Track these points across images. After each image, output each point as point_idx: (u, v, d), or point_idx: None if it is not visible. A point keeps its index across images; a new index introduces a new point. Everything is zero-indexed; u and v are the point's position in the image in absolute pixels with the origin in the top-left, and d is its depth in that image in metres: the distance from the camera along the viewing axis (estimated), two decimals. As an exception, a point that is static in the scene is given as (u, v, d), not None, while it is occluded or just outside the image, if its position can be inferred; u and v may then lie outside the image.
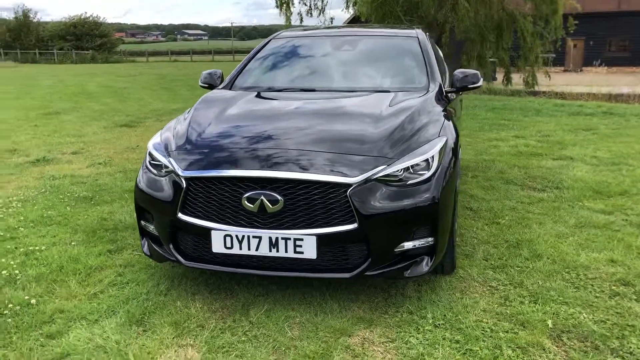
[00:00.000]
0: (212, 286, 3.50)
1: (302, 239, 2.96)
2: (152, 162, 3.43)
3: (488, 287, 3.49)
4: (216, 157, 3.16)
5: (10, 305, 3.28)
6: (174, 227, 3.20)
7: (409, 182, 3.07)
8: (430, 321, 3.07)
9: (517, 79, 19.02)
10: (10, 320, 3.13)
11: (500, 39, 18.24)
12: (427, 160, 3.15)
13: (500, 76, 20.16)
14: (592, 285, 3.49)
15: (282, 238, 2.98)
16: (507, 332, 2.96)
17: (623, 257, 3.89)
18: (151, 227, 3.39)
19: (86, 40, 52.77)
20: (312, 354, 2.76)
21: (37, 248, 4.17)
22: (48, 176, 6.49)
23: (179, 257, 3.22)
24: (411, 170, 3.11)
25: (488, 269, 3.73)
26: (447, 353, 2.77)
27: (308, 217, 2.97)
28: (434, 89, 4.06)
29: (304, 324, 3.04)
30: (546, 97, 15.00)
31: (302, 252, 2.99)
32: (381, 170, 3.02)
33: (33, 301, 3.33)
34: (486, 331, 2.97)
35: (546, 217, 4.73)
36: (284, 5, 20.52)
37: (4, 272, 3.75)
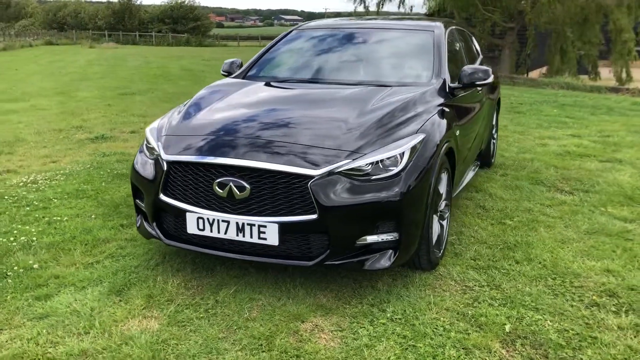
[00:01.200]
0: (197, 265, 3.71)
1: (265, 226, 3.09)
2: (147, 145, 3.67)
3: (462, 287, 3.47)
4: (195, 144, 3.35)
5: (15, 268, 3.64)
6: (156, 206, 3.43)
7: (375, 177, 3.12)
8: (388, 315, 3.12)
9: (607, 74, 17.90)
10: (10, 281, 3.48)
11: (586, 31, 17.28)
12: (396, 156, 3.17)
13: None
14: (573, 294, 3.39)
15: (248, 224, 3.12)
16: (459, 332, 2.96)
17: (622, 267, 3.72)
18: (143, 206, 3.63)
19: (182, 23, 55.02)
20: (258, 335, 2.89)
21: (60, 218, 4.56)
22: (100, 153, 6.98)
23: (161, 235, 3.45)
24: (381, 165, 3.15)
25: (471, 269, 3.69)
26: (389, 347, 2.82)
27: (273, 205, 3.10)
28: (435, 84, 4.03)
29: (265, 307, 3.18)
30: (629, 95, 14.07)
31: (265, 239, 3.12)
32: (345, 164, 3.08)
33: (36, 266, 3.68)
34: (438, 329, 2.98)
35: (559, 221, 4.57)
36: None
37: (23, 238, 4.14)
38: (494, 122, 6.22)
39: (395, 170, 3.15)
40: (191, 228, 3.27)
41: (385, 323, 3.04)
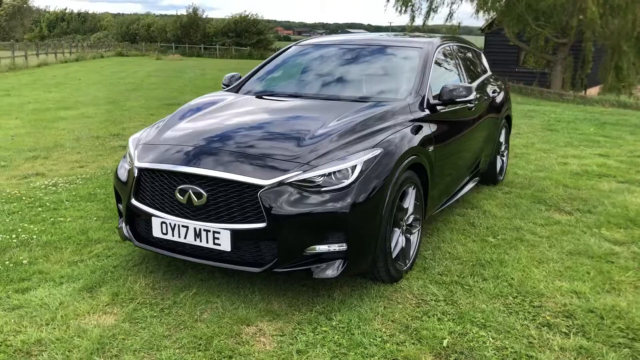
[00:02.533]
0: (170, 267, 3.91)
1: (219, 232, 3.26)
2: (128, 152, 3.92)
3: (418, 301, 3.51)
4: (162, 153, 3.56)
5: (6, 263, 3.96)
6: (129, 210, 3.66)
7: (325, 189, 3.22)
8: (333, 323, 3.21)
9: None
10: (-2, 274, 3.79)
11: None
12: (347, 169, 3.28)
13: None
14: (528, 313, 3.37)
15: (204, 230, 3.30)
16: (396, 343, 3.02)
17: (591, 289, 3.66)
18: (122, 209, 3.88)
19: (245, 37, 56.47)
20: (200, 335, 3.05)
21: (64, 219, 4.89)
22: (125, 159, 7.36)
23: (133, 238, 3.68)
24: (333, 177, 3.26)
25: (433, 284, 3.72)
26: (321, 354, 2.91)
27: (228, 212, 3.26)
28: (409, 100, 4.09)
29: (217, 310, 3.34)
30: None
31: (219, 244, 3.28)
32: (296, 176, 3.21)
33: (25, 261, 3.98)
34: (375, 340, 3.04)
35: (544, 241, 4.51)
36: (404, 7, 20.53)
37: (24, 236, 4.48)
38: (501, 140, 6.17)
39: (346, 183, 3.25)
40: (156, 232, 3.48)
41: (327, 331, 3.13)
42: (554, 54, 19.24)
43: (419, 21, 22.80)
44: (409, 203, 3.81)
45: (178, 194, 3.35)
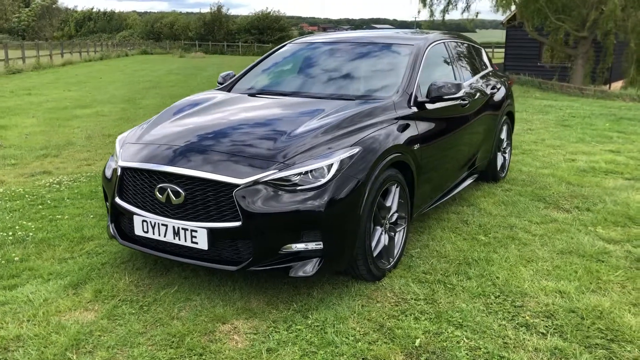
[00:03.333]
0: (156, 265, 3.96)
1: (196, 231, 3.29)
2: (115, 152, 3.97)
3: (398, 299, 3.50)
4: (145, 152, 3.60)
5: (-1, 260, 4.05)
6: (114, 208, 3.72)
7: (301, 187, 3.23)
8: (309, 322, 3.22)
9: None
10: (-12, 271, 3.88)
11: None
12: (323, 168, 3.28)
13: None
14: (508, 313, 3.33)
15: (182, 228, 3.33)
16: (368, 342, 3.01)
17: (577, 290, 3.60)
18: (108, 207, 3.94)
19: (267, 34, 56.74)
20: (175, 333, 3.08)
21: (61, 217, 4.98)
22: (131, 157, 7.46)
23: (117, 236, 3.73)
24: (310, 176, 3.27)
25: (416, 282, 3.71)
26: (291, 352, 2.92)
27: (204, 211, 3.29)
28: (394, 98, 4.07)
29: (195, 308, 3.37)
30: None
31: (197, 243, 3.31)
32: (272, 174, 3.22)
33: (17, 258, 4.07)
34: (348, 339, 3.04)
35: (537, 239, 4.45)
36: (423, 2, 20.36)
37: (20, 233, 4.58)
38: (502, 136, 6.10)
39: (322, 181, 3.25)
40: (138, 230, 3.53)
41: (301, 329, 3.14)
42: (575, 48, 18.88)
43: (439, 15, 22.61)
44: (392, 201, 3.79)
45: (157, 193, 3.39)
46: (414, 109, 4.15)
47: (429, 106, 4.28)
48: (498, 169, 6.05)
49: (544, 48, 23.23)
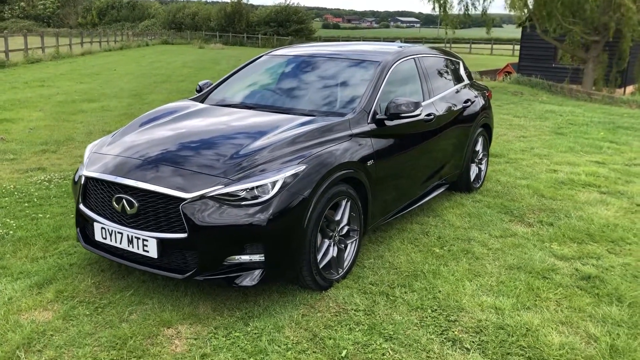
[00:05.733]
0: (120, 268, 4.19)
1: (147, 240, 3.52)
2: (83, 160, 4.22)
3: (338, 310, 3.69)
4: (106, 162, 3.84)
5: (-25, 257, 4.32)
6: (79, 214, 3.96)
7: (245, 203, 3.43)
8: (248, 329, 3.43)
9: None
10: (-37, 268, 4.16)
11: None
12: (267, 184, 3.47)
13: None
14: (440, 327, 3.50)
15: (136, 237, 3.56)
16: (297, 352, 3.21)
17: (513, 306, 3.75)
18: (77, 212, 4.18)
19: (286, 26, 56.96)
20: (120, 335, 3.31)
21: (43, 215, 5.25)
22: (124, 156, 7.72)
23: (81, 240, 3.98)
24: (256, 191, 3.47)
25: (360, 294, 3.89)
26: (224, 358, 3.13)
27: (155, 222, 3.52)
28: (351, 116, 4.23)
29: (145, 311, 3.60)
30: None
31: (148, 251, 3.54)
32: (218, 190, 3.43)
33: (-8, 256, 4.34)
34: (279, 347, 3.25)
35: (490, 253, 4.60)
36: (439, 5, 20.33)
37: (1, 230, 4.85)
38: (477, 148, 6.23)
39: (265, 197, 3.45)
40: (97, 236, 3.77)
41: (239, 336, 3.35)
42: (587, 52, 18.76)
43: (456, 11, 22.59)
44: (343, 215, 3.98)
45: (114, 203, 3.63)
46: (372, 126, 4.31)
47: (389, 123, 4.44)
48: (472, 180, 6.19)
49: (560, 50, 23.06)
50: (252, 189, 3.46)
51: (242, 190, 3.45)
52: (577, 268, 4.37)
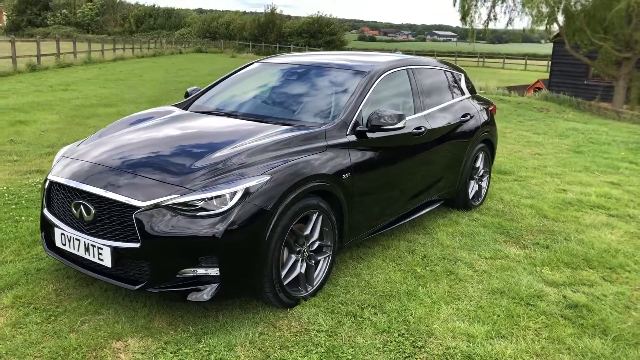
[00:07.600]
0: (86, 275, 4.08)
1: (102, 248, 3.40)
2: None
3: (299, 330, 3.50)
4: (69, 167, 3.75)
5: (-55, 259, 4.27)
6: (43, 219, 3.87)
7: (201, 214, 3.29)
8: (200, 346, 3.26)
9: None
10: None
11: None
12: (226, 195, 3.32)
13: None
14: (403, 353, 3.29)
15: (91, 244, 3.45)
16: (245, 373, 3.04)
17: (486, 334, 3.51)
18: (45, 217, 4.10)
19: (317, 37, 57.16)
20: (65, 346, 3.19)
21: (25, 219, 5.19)
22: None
23: (45, 245, 3.89)
24: (215, 202, 3.32)
25: (326, 313, 3.70)
26: (165, 376, 2.98)
27: (110, 230, 3.40)
28: (328, 127, 4.05)
29: (98, 322, 3.47)
30: None
31: (102, 260, 3.42)
32: (174, 199, 3.30)
33: (-37, 259, 4.28)
34: (227, 367, 3.08)
35: (475, 276, 4.36)
36: (466, 16, 20.04)
37: (-21, 233, 4.81)
38: (477, 165, 5.99)
39: (224, 208, 3.30)
40: (58, 242, 3.67)
41: (188, 353, 3.19)
42: (618, 69, 18.21)
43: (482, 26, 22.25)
44: (313, 230, 3.80)
45: (73, 208, 3.52)
46: (352, 138, 4.13)
47: (370, 135, 4.25)
48: (470, 197, 5.94)
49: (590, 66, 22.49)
50: (210, 199, 3.32)
51: (199, 200, 3.30)
52: (566, 295, 4.10)
